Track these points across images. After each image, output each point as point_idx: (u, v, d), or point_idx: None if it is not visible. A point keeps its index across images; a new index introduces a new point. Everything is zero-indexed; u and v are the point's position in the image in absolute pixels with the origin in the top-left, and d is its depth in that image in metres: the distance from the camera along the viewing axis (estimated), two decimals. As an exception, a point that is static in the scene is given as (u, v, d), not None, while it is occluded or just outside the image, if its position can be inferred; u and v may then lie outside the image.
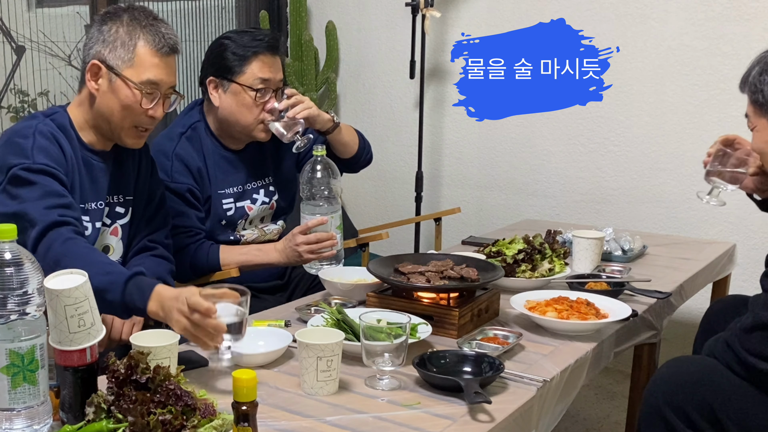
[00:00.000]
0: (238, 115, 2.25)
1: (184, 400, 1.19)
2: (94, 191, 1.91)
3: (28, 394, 1.23)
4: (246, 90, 2.23)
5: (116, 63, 1.84)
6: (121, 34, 1.84)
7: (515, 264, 2.17)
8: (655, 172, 3.30)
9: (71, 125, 1.89)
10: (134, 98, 1.85)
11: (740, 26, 3.04)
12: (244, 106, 2.24)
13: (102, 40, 1.85)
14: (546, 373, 1.60)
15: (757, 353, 1.59)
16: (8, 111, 3.19)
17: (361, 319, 1.54)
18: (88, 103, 1.90)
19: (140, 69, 1.84)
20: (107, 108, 1.86)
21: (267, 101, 2.24)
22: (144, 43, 1.84)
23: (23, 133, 1.81)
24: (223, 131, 2.32)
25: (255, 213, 2.37)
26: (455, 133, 3.83)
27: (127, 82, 1.84)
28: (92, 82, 1.86)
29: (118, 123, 1.88)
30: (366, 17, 4.01)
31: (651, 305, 2.08)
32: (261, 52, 2.23)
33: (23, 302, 1.20)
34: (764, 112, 1.80)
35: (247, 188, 2.36)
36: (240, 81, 2.23)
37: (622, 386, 3.10)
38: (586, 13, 3.36)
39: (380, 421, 1.38)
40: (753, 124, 1.85)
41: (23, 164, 1.75)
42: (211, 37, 3.86)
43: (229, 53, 2.24)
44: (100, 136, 1.93)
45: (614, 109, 3.38)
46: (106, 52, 1.84)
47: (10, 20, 3.14)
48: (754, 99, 1.80)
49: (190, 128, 2.30)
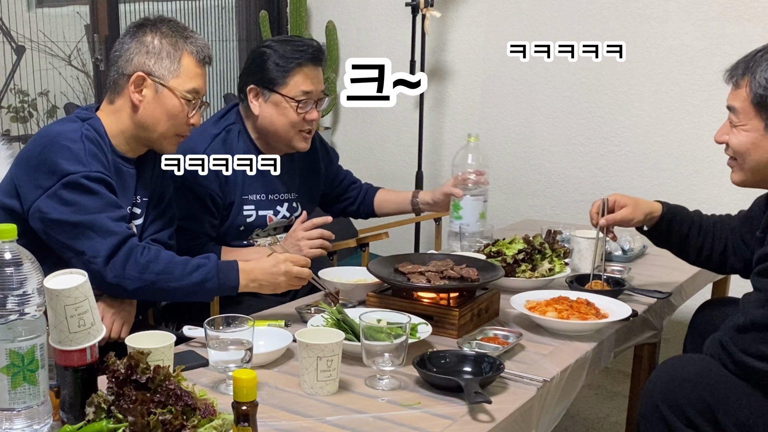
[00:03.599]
0: (278, 125, 2.26)
1: (184, 400, 1.19)
2: (123, 197, 1.94)
3: (28, 394, 1.23)
4: (288, 101, 2.23)
5: (162, 74, 1.89)
6: (165, 45, 1.90)
7: (515, 264, 2.17)
8: (655, 172, 3.30)
9: (105, 132, 1.91)
10: (180, 107, 1.90)
11: (740, 26, 3.04)
12: (285, 117, 2.25)
13: (145, 51, 1.89)
14: (546, 373, 1.60)
15: (751, 352, 1.58)
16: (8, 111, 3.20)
17: (361, 319, 1.54)
18: (125, 113, 1.92)
19: (185, 79, 1.91)
20: (152, 118, 1.90)
21: (308, 112, 2.26)
22: (188, 54, 1.91)
23: (70, 136, 1.82)
24: (260, 138, 2.33)
25: (273, 224, 2.38)
26: (455, 133, 3.83)
27: (174, 92, 1.89)
28: (136, 93, 1.89)
29: (163, 132, 1.92)
30: (366, 17, 4.01)
31: (651, 305, 2.08)
32: (304, 64, 2.24)
33: (23, 302, 1.20)
34: (763, 114, 1.72)
35: (272, 198, 2.36)
36: (282, 92, 2.23)
37: (622, 386, 3.10)
38: (586, 13, 3.36)
39: (380, 421, 1.38)
40: (742, 122, 1.76)
41: (81, 172, 1.78)
42: (211, 37, 3.87)
43: (271, 63, 2.23)
44: (133, 143, 1.96)
45: (614, 109, 3.38)
46: (152, 63, 1.89)
47: (10, 20, 3.14)
48: (758, 99, 1.71)
49: (224, 130, 2.30)
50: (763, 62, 1.71)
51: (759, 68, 1.71)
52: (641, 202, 2.13)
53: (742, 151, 1.78)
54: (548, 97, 3.54)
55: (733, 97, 1.78)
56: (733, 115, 1.79)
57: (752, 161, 1.78)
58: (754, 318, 1.59)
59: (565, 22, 3.40)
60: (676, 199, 3.25)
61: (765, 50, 1.73)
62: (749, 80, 1.72)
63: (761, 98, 1.70)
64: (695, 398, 1.62)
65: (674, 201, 3.23)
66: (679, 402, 1.62)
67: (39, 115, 3.29)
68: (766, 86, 1.69)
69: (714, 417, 1.61)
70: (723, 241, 2.10)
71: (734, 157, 1.82)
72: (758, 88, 1.70)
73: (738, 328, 1.61)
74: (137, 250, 1.79)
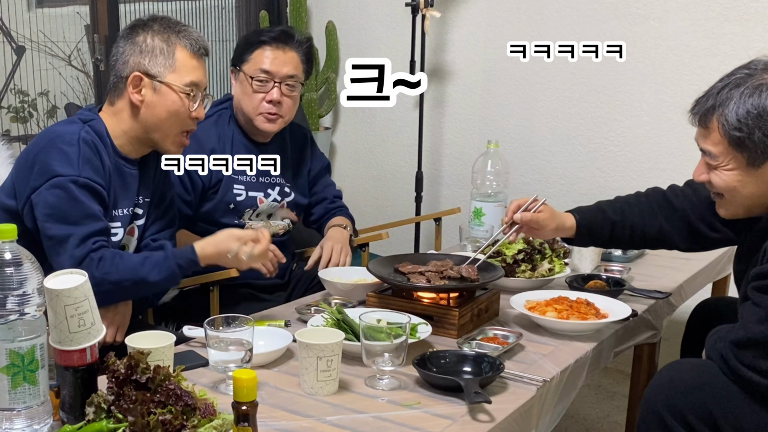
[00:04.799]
0: (242, 103, 2.33)
1: (184, 400, 1.19)
2: (124, 197, 1.94)
3: (28, 394, 1.23)
4: (247, 78, 2.29)
5: (158, 71, 1.88)
6: (158, 42, 1.89)
7: (515, 264, 2.17)
8: (655, 172, 3.30)
9: (107, 133, 1.91)
10: (180, 102, 1.90)
11: (740, 26, 3.04)
12: (245, 95, 2.31)
13: (139, 51, 1.89)
14: (546, 373, 1.60)
15: (752, 367, 1.57)
16: (8, 111, 3.20)
17: (361, 319, 1.54)
18: (126, 115, 1.92)
19: (182, 72, 1.90)
20: (154, 117, 1.90)
21: (268, 92, 2.27)
22: (182, 47, 1.90)
23: (67, 139, 1.82)
24: (240, 120, 2.38)
25: (264, 207, 2.39)
26: (455, 133, 3.83)
27: (172, 87, 1.88)
28: (135, 94, 1.89)
29: (166, 130, 1.92)
30: (366, 17, 4.01)
31: (651, 305, 2.08)
32: (267, 43, 2.29)
33: (23, 302, 1.20)
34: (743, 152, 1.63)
35: (262, 181, 2.37)
36: (244, 69, 2.31)
37: (622, 386, 3.10)
38: (586, 13, 3.36)
39: (380, 421, 1.38)
40: (722, 162, 1.67)
41: (71, 176, 1.78)
42: (211, 37, 3.87)
43: (242, 41, 2.36)
44: (137, 144, 1.95)
45: (614, 109, 3.38)
46: (146, 62, 1.88)
47: (10, 20, 3.14)
48: (735, 141, 1.62)
49: (216, 113, 2.36)
50: (730, 100, 1.62)
51: (728, 107, 1.62)
52: (557, 214, 2.05)
53: (729, 189, 1.71)
54: (548, 97, 3.54)
55: (706, 142, 1.69)
56: (710, 158, 1.70)
57: (742, 197, 1.71)
58: (754, 335, 1.56)
59: (565, 22, 3.40)
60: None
61: (729, 85, 1.65)
62: (719, 121, 1.64)
63: (738, 139, 1.62)
64: (697, 404, 1.60)
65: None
66: (680, 408, 1.61)
67: (39, 115, 3.29)
68: (739, 125, 1.61)
69: (715, 423, 1.60)
70: (657, 225, 2.02)
71: (719, 193, 1.75)
72: (732, 129, 1.62)
73: (738, 343, 1.59)
74: (92, 265, 1.76)
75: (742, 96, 1.61)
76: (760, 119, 1.59)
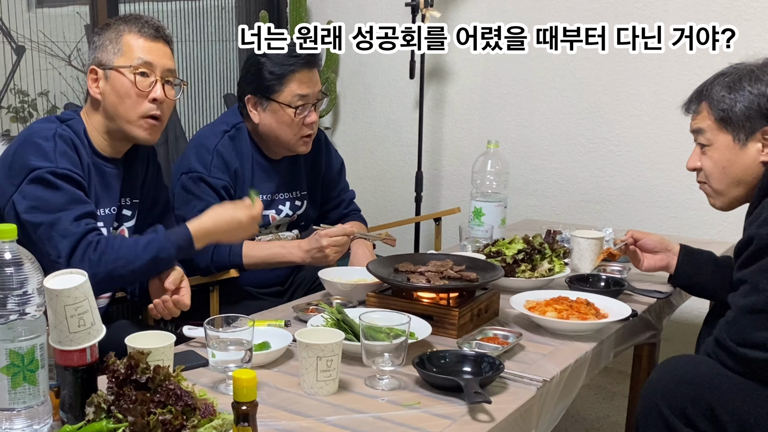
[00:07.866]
0: (278, 132, 2.28)
1: (184, 400, 1.19)
2: (106, 197, 1.95)
3: (28, 394, 1.23)
4: (285, 108, 2.24)
5: (108, 59, 1.92)
6: (108, 34, 1.94)
7: (515, 264, 2.17)
8: (655, 172, 3.31)
9: (85, 133, 1.93)
10: (130, 84, 1.90)
11: (740, 26, 3.03)
12: (284, 124, 2.27)
13: (94, 48, 1.95)
14: (546, 373, 1.60)
15: (746, 342, 1.59)
16: (8, 111, 3.19)
17: (361, 319, 1.54)
18: (93, 111, 1.95)
19: (129, 54, 1.92)
20: (111, 104, 1.91)
21: (306, 115, 2.26)
22: (128, 33, 1.93)
23: (43, 134, 1.84)
24: (262, 141, 2.34)
25: (276, 222, 2.39)
26: (455, 133, 3.83)
27: (120, 70, 1.90)
28: (93, 87, 1.93)
29: (124, 116, 1.91)
30: (366, 17, 4.01)
31: (651, 305, 2.08)
32: (298, 69, 2.25)
33: (23, 302, 1.20)
34: (729, 129, 1.82)
35: (276, 198, 2.38)
36: (279, 99, 2.25)
37: (622, 386, 3.10)
38: (585, 13, 3.37)
39: (380, 421, 1.38)
40: (709, 140, 1.86)
41: (48, 168, 1.78)
42: (211, 37, 3.87)
43: (266, 72, 2.25)
44: (112, 141, 1.96)
45: (614, 109, 3.38)
46: (100, 54, 1.93)
47: (10, 20, 3.14)
48: (720, 115, 1.82)
49: (234, 128, 2.32)
50: (715, 86, 1.84)
51: (713, 91, 1.84)
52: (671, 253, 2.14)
53: (719, 171, 1.86)
54: (548, 97, 3.54)
55: (696, 120, 1.90)
56: (701, 135, 1.88)
57: (730, 180, 1.85)
58: (743, 306, 1.61)
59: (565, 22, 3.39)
60: (676, 199, 3.27)
61: (715, 77, 1.86)
62: (707, 104, 1.85)
63: (724, 113, 1.82)
64: (696, 398, 1.62)
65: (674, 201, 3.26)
66: (679, 402, 1.62)
67: (39, 115, 3.28)
68: (724, 103, 1.81)
69: (715, 417, 1.61)
70: None
71: (705, 181, 1.90)
72: (718, 105, 1.82)
73: (729, 321, 1.63)
74: (90, 248, 1.78)
75: (726, 79, 1.83)
76: (739, 93, 1.79)
